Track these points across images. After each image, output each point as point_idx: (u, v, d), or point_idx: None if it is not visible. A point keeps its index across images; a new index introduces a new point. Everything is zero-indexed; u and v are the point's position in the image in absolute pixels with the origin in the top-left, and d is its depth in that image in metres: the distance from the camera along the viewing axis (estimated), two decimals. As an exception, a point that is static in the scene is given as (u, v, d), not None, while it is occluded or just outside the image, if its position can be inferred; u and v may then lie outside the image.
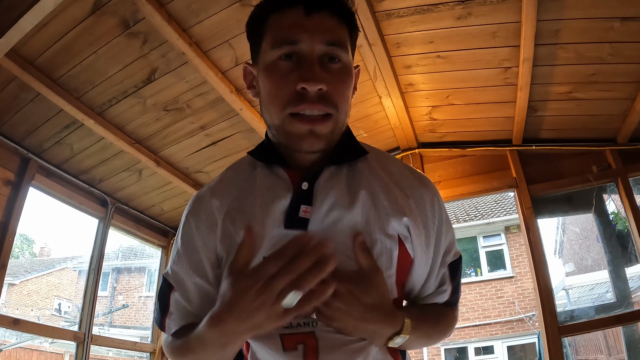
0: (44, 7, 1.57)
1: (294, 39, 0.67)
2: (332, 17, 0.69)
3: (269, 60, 0.70)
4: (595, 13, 1.95)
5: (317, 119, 0.67)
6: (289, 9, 0.68)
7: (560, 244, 11.16)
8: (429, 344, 0.79)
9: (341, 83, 0.69)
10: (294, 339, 0.68)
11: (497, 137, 2.94)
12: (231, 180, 0.78)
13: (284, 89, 0.67)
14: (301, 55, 0.67)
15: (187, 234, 0.75)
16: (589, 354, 7.92)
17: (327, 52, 0.68)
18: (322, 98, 0.67)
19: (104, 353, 10.04)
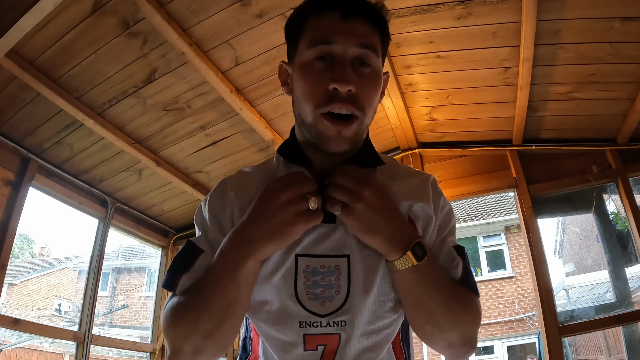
0: (44, 7, 1.57)
1: (329, 39, 0.71)
2: (366, 23, 0.73)
3: (304, 60, 0.74)
4: (595, 13, 1.95)
5: (345, 120, 0.71)
6: (326, 13, 0.73)
7: (560, 244, 11.16)
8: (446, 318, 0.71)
9: (370, 87, 0.73)
10: (316, 341, 0.69)
11: (497, 137, 2.94)
12: (253, 176, 0.81)
13: (317, 88, 0.71)
14: (334, 57, 0.71)
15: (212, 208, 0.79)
16: (589, 354, 7.92)
17: (359, 55, 0.72)
18: (351, 99, 0.70)
19: (104, 353, 10.04)
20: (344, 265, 0.70)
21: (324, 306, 0.69)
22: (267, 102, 2.51)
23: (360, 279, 0.70)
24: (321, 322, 0.68)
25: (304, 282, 0.70)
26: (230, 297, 0.67)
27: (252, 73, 2.29)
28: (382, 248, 0.68)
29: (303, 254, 0.70)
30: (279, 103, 2.52)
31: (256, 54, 2.19)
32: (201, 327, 0.68)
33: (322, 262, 0.70)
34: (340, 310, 0.69)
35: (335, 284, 0.70)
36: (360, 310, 0.69)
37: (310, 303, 0.69)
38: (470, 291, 0.75)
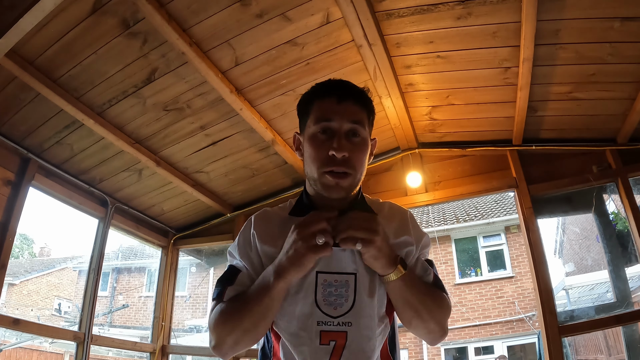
0: (44, 7, 1.57)
1: (329, 118, 0.98)
2: (356, 104, 1.00)
3: (311, 132, 1.01)
4: (595, 13, 1.95)
5: (341, 175, 0.97)
6: (327, 97, 1.01)
7: (560, 244, 11.15)
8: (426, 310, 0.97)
9: (359, 151, 0.99)
10: (329, 336, 0.93)
11: (497, 137, 2.94)
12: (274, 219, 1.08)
13: (321, 154, 0.98)
14: (333, 131, 0.98)
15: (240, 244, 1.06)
16: (589, 354, 7.92)
17: (351, 128, 0.99)
18: (345, 162, 0.97)
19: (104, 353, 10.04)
20: (351, 280, 0.97)
21: (336, 310, 0.95)
22: (267, 102, 2.51)
23: (364, 293, 0.96)
24: (333, 321, 0.94)
25: (322, 292, 0.96)
26: (265, 306, 0.92)
27: (252, 73, 2.29)
28: (384, 266, 0.93)
29: (322, 271, 0.97)
30: (279, 103, 2.52)
31: (256, 54, 2.19)
32: (243, 325, 0.94)
33: (335, 277, 0.97)
34: (347, 314, 0.94)
35: (345, 294, 0.96)
36: (362, 315, 0.95)
37: (325, 307, 0.95)
38: (440, 291, 1.03)
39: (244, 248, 1.04)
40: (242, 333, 0.94)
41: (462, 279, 10.13)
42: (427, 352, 9.59)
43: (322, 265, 0.97)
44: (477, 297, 9.84)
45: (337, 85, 1.04)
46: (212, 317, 0.97)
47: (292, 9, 1.97)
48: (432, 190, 3.04)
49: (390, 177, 3.16)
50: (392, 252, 0.94)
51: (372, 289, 0.97)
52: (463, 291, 9.95)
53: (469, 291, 9.91)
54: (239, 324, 0.93)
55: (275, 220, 1.06)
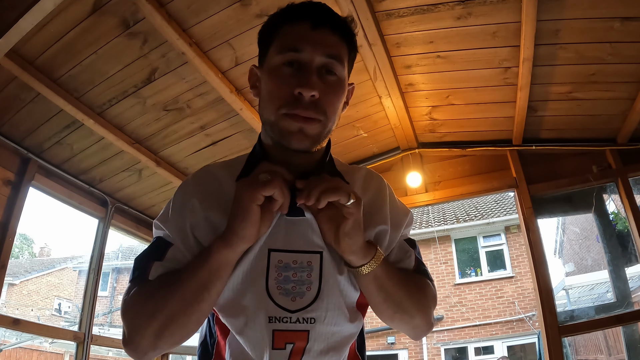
0: (44, 7, 1.57)
1: (298, 47, 0.74)
2: (334, 34, 0.77)
3: (273, 64, 0.77)
4: (595, 13, 1.95)
5: (307, 120, 0.73)
6: (298, 22, 0.76)
7: (560, 244, 11.16)
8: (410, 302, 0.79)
9: (333, 94, 0.76)
10: (285, 338, 0.71)
11: (497, 137, 2.94)
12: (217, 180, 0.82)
13: (282, 91, 0.74)
14: (302, 64, 0.74)
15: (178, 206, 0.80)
16: (589, 354, 7.92)
17: (325, 64, 0.75)
18: (313, 104, 0.73)
19: (104, 353, 10.05)
20: (316, 261, 0.73)
21: (294, 302, 0.71)
22: (267, 102, 2.51)
23: (331, 277, 0.73)
24: (290, 317, 0.71)
25: (276, 277, 0.72)
26: (200, 281, 0.68)
27: (252, 73, 2.29)
28: (360, 247, 0.72)
29: (276, 248, 0.73)
30: (279, 103, 2.52)
31: (256, 54, 2.17)
32: (168, 308, 0.68)
33: (294, 257, 0.73)
34: (310, 307, 0.71)
35: (307, 280, 0.72)
36: (329, 309, 0.72)
37: (280, 298, 0.71)
38: (424, 277, 0.83)
39: (179, 218, 0.77)
40: (166, 320, 0.68)
41: (462, 279, 10.13)
42: (427, 352, 9.59)
43: (276, 241, 0.73)
44: (477, 297, 9.84)
45: (313, 7, 0.78)
46: (127, 300, 0.71)
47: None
48: (432, 190, 3.04)
49: (390, 177, 3.16)
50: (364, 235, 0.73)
51: (343, 274, 0.75)
52: (463, 291, 9.95)
53: (469, 291, 9.91)
54: (162, 306, 0.68)
55: (222, 183, 0.80)
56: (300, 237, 0.74)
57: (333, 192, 0.67)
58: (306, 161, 0.79)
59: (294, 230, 0.74)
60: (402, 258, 0.83)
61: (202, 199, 0.77)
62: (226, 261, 0.69)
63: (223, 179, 0.81)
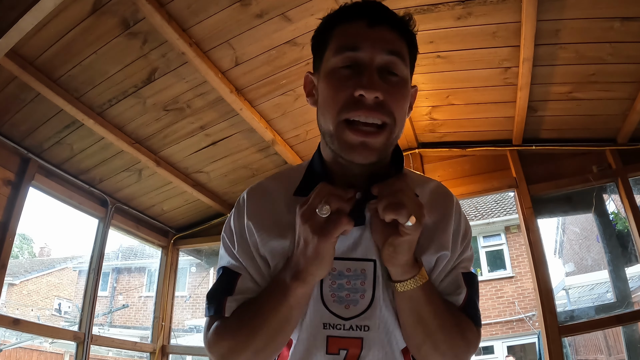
0: (44, 7, 1.57)
1: (356, 46, 0.69)
2: (393, 30, 0.72)
3: (330, 67, 0.72)
4: (595, 13, 1.95)
5: (371, 131, 0.68)
6: (353, 21, 0.72)
7: (560, 244, 11.15)
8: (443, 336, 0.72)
9: (399, 95, 0.70)
10: (339, 344, 0.71)
11: (497, 137, 2.94)
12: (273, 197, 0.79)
13: (341, 94, 0.68)
14: (361, 64, 0.69)
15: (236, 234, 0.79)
16: (589, 354, 7.92)
17: (387, 62, 0.70)
18: (379, 106, 0.67)
19: (104, 353, 10.04)
20: (370, 269, 0.72)
21: (348, 309, 0.71)
22: (267, 102, 2.51)
23: (386, 286, 0.72)
24: (344, 324, 0.70)
25: (330, 285, 0.72)
26: (282, 318, 0.69)
27: (252, 73, 2.29)
28: (405, 265, 0.69)
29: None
30: (279, 103, 2.52)
31: (256, 54, 2.19)
32: (254, 344, 0.70)
33: (348, 265, 0.72)
34: (364, 315, 0.71)
35: (361, 288, 0.71)
36: (383, 317, 0.71)
37: (334, 305, 0.71)
38: (469, 320, 0.76)
39: (241, 241, 0.76)
40: (253, 353, 0.70)
41: (462, 279, 10.12)
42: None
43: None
44: (477, 297, 9.83)
45: (368, 5, 0.73)
46: (212, 336, 0.73)
47: (292, 9, 1.97)
48: (432, 190, 3.04)
49: (390, 177, 3.15)
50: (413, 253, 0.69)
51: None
52: (463, 291, 9.94)
53: (469, 291, 9.90)
54: (251, 342, 0.69)
55: (277, 200, 0.77)
56: (354, 245, 0.72)
57: (394, 210, 0.62)
58: (370, 171, 0.74)
59: (348, 238, 0.72)
60: (451, 292, 0.76)
61: (257, 221, 0.75)
62: (304, 296, 0.69)
63: (276, 194, 0.78)
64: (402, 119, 0.71)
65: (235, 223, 0.78)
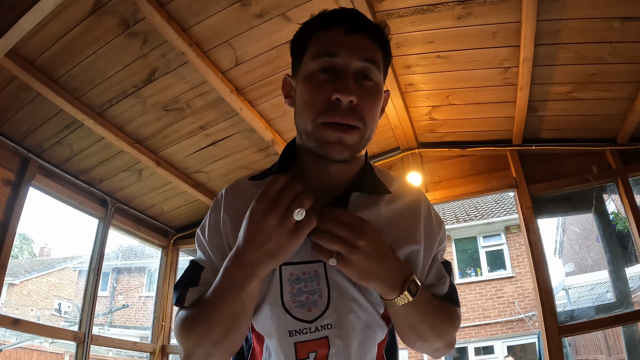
0: (44, 7, 1.57)
1: (333, 52, 0.74)
2: (369, 39, 0.76)
3: (308, 71, 0.76)
4: (595, 13, 1.95)
5: (346, 128, 0.72)
6: (331, 28, 0.76)
7: (560, 244, 11.16)
8: (433, 334, 0.78)
9: (371, 99, 0.75)
10: (307, 348, 0.72)
11: (497, 137, 2.94)
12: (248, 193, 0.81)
13: (319, 98, 0.73)
14: (338, 69, 0.73)
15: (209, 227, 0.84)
16: (589, 354, 7.92)
17: (362, 68, 0.74)
18: (352, 111, 0.72)
19: (104, 353, 10.04)
20: (321, 269, 0.74)
21: (310, 312, 0.72)
22: (267, 102, 2.51)
23: (340, 283, 0.73)
24: (310, 327, 0.72)
25: (290, 291, 0.73)
26: (236, 312, 0.71)
27: (252, 73, 2.29)
28: (380, 290, 0.71)
29: (286, 262, 0.71)
30: (279, 103, 2.52)
31: (256, 54, 2.19)
32: (211, 337, 0.72)
33: (303, 268, 0.74)
34: (325, 314, 0.72)
35: (317, 288, 0.73)
36: (343, 313, 0.73)
37: (296, 310, 0.72)
38: (453, 305, 0.82)
39: (213, 235, 0.81)
40: (212, 345, 0.73)
41: (462, 279, 10.13)
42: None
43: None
44: (477, 297, 9.84)
45: (346, 13, 0.78)
46: (176, 325, 0.78)
47: (292, 9, 1.97)
48: (432, 190, 3.04)
49: (390, 177, 3.16)
50: (391, 271, 0.70)
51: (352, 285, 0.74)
52: (463, 291, 9.94)
53: (469, 291, 9.91)
54: (206, 335, 0.72)
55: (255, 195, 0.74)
56: (303, 248, 0.72)
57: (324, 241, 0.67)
58: (343, 170, 0.79)
59: (305, 243, 0.72)
60: (435, 283, 0.81)
61: (232, 215, 0.78)
62: (256, 288, 0.71)
63: (254, 189, 0.80)
64: (372, 122, 0.76)
65: (211, 217, 0.83)
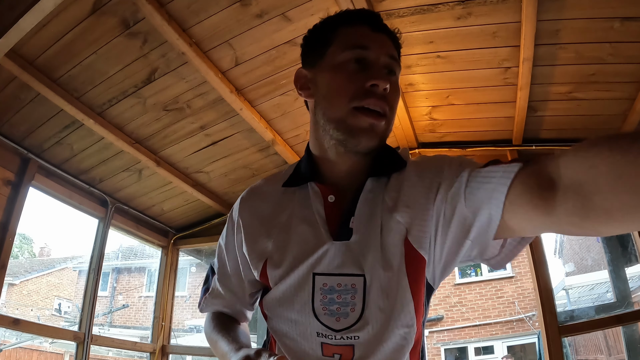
0: (44, 7, 1.57)
1: (365, 45, 0.76)
2: (389, 39, 0.81)
3: (338, 61, 0.77)
4: (595, 13, 1.95)
5: (377, 115, 0.73)
6: (358, 25, 0.79)
7: (560, 244, 11.15)
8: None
9: (396, 92, 0.79)
10: (332, 350, 0.75)
11: (497, 137, 2.93)
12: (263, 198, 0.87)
13: (353, 85, 0.74)
14: (369, 61, 0.76)
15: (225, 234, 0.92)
16: (589, 354, 7.92)
17: (388, 64, 0.78)
18: (384, 98, 0.74)
19: (104, 353, 10.04)
20: (359, 284, 0.74)
21: (339, 322, 0.74)
22: (267, 102, 2.51)
23: (378, 299, 0.73)
24: (335, 335, 0.74)
25: (321, 300, 0.75)
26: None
27: (252, 73, 2.29)
28: None
29: (320, 272, 0.75)
30: (279, 103, 2.52)
31: (256, 54, 2.19)
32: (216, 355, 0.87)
33: (339, 280, 0.74)
34: (354, 327, 0.73)
35: (351, 301, 0.74)
36: (374, 328, 0.73)
37: (325, 318, 0.75)
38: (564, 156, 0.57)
39: (229, 239, 0.88)
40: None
41: (462, 279, 10.13)
42: (427, 352, 9.59)
43: (320, 265, 0.75)
44: (477, 297, 9.84)
45: (370, 13, 0.84)
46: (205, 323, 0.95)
47: (292, 9, 1.97)
48: (432, 190, 3.04)
49: (390, 177, 3.15)
50: None
51: (391, 293, 0.73)
52: (463, 291, 9.95)
53: (469, 291, 9.91)
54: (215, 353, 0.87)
55: (269, 199, 0.84)
56: (343, 261, 0.74)
57: None
58: (360, 164, 0.79)
59: (339, 254, 0.75)
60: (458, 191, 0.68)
61: (246, 221, 0.84)
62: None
63: (268, 193, 0.86)
64: (394, 114, 0.79)
65: (229, 222, 0.89)
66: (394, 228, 0.73)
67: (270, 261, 0.79)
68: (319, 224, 0.77)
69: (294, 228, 0.79)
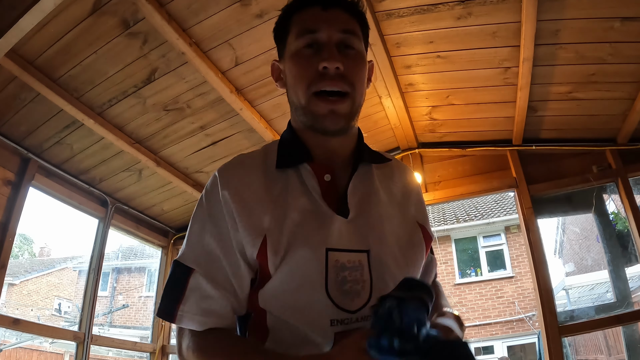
0: (44, 7, 1.57)
1: (314, 28, 0.78)
2: (345, 12, 0.81)
3: (294, 50, 0.79)
4: (595, 13, 1.95)
5: (336, 100, 0.75)
6: (308, 8, 0.80)
7: (560, 244, 11.15)
8: None
9: (355, 65, 0.78)
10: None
11: (497, 137, 2.94)
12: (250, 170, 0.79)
13: (308, 70, 0.76)
14: (320, 43, 0.77)
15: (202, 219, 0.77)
16: (589, 354, 7.92)
17: (343, 39, 0.78)
18: (340, 77, 0.75)
19: (104, 353, 10.04)
20: (364, 260, 0.72)
21: (354, 302, 0.70)
22: (267, 102, 2.51)
23: (385, 273, 0.73)
24: (351, 317, 0.69)
25: (334, 279, 0.70)
26: None
27: (252, 73, 2.29)
28: None
29: (333, 248, 0.71)
30: (279, 103, 2.52)
31: (256, 54, 2.19)
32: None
33: (348, 257, 0.72)
34: (367, 305, 0.70)
35: (360, 279, 0.71)
36: None
37: (341, 299, 0.69)
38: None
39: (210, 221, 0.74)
40: None
41: (462, 279, 10.13)
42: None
43: (332, 239, 0.71)
44: (477, 297, 9.84)
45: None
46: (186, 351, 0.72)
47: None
48: (432, 190, 3.04)
49: (390, 177, 3.15)
50: None
51: (400, 265, 0.74)
52: (463, 291, 9.95)
53: (469, 291, 9.91)
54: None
55: (255, 172, 0.78)
56: (347, 236, 0.72)
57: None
58: (341, 144, 0.82)
59: (345, 229, 0.73)
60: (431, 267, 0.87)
61: (234, 191, 0.74)
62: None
63: (253, 166, 0.79)
64: (360, 87, 0.79)
65: (204, 206, 0.77)
66: (392, 204, 0.81)
67: (270, 237, 0.70)
68: (317, 200, 0.75)
69: (292, 202, 0.74)
